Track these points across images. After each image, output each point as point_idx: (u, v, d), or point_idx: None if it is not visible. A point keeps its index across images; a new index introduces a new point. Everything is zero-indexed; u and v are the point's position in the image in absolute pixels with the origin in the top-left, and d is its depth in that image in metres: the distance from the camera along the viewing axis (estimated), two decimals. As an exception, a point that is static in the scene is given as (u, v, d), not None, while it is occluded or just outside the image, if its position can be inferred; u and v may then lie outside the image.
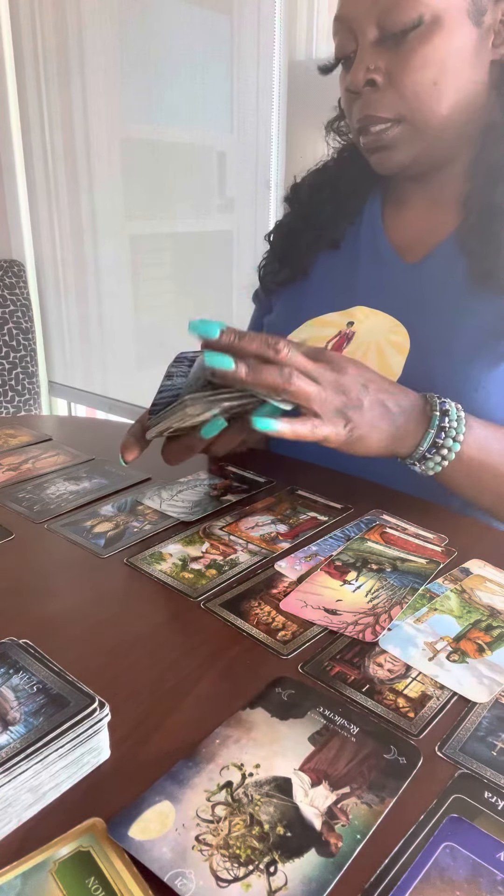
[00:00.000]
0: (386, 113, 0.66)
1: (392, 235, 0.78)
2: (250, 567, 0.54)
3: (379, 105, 0.66)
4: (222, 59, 1.35)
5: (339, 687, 0.41)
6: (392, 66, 0.65)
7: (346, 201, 0.81)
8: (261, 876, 0.30)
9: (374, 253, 0.78)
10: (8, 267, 1.80)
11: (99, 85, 1.58)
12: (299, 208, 0.85)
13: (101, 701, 0.35)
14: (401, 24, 0.63)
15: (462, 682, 0.42)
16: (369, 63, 0.65)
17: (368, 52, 0.65)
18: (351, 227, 0.82)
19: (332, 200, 0.82)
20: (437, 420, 0.58)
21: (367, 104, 0.67)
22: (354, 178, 0.81)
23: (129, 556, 0.56)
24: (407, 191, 0.77)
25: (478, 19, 0.64)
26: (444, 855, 0.31)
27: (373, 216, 0.80)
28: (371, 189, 0.82)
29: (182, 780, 0.34)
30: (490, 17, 0.64)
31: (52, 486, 0.70)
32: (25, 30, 1.69)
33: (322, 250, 0.82)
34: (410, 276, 0.74)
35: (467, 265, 0.70)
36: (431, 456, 0.58)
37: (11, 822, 0.32)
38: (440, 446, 0.58)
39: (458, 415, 0.58)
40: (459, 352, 0.67)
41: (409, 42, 0.63)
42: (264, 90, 1.31)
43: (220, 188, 1.47)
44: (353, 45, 0.67)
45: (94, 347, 1.86)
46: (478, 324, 0.68)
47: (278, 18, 1.25)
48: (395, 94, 0.65)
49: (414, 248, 0.76)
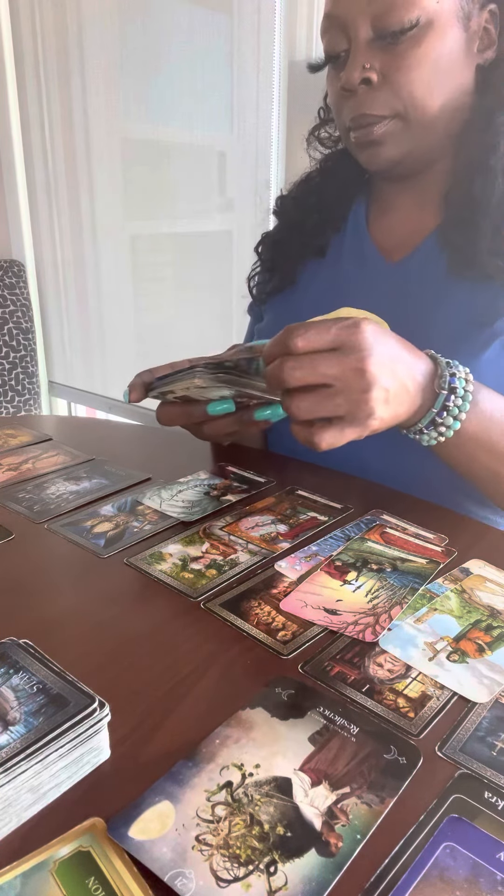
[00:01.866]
0: (380, 111, 0.67)
1: (377, 238, 0.79)
2: (250, 567, 0.54)
3: (374, 104, 0.67)
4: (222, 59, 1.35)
5: (339, 687, 0.41)
6: (387, 65, 0.65)
7: (331, 209, 0.82)
8: (261, 876, 0.30)
9: (360, 256, 0.79)
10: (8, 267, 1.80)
11: (99, 85, 1.58)
12: (286, 219, 0.87)
13: (102, 701, 0.35)
14: (398, 25, 0.63)
15: (462, 682, 0.42)
16: (364, 62, 0.66)
17: (363, 51, 0.66)
18: (337, 235, 0.83)
19: (317, 209, 0.83)
20: (442, 398, 0.56)
21: (362, 103, 0.67)
22: (339, 187, 0.82)
23: (129, 556, 0.56)
24: (391, 194, 0.78)
25: (465, 24, 0.65)
26: (444, 855, 0.31)
27: (358, 222, 0.81)
28: (355, 196, 0.83)
29: (182, 780, 0.34)
30: (475, 22, 0.66)
31: (52, 486, 0.70)
32: (25, 30, 1.69)
33: (309, 258, 0.83)
34: (394, 275, 0.75)
35: (448, 258, 0.71)
36: (428, 431, 0.57)
37: (11, 822, 0.32)
38: (439, 424, 0.57)
39: (464, 390, 0.57)
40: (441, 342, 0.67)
41: (404, 42, 0.64)
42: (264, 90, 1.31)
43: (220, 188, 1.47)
44: (344, 44, 0.68)
45: (94, 347, 1.86)
46: (457, 314, 0.69)
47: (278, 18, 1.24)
48: (390, 92, 0.66)
49: (398, 249, 0.77)
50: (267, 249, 0.88)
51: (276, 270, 0.86)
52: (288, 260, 0.84)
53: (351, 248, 0.81)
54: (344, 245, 0.81)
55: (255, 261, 0.91)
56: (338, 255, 0.82)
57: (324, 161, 0.85)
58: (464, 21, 0.65)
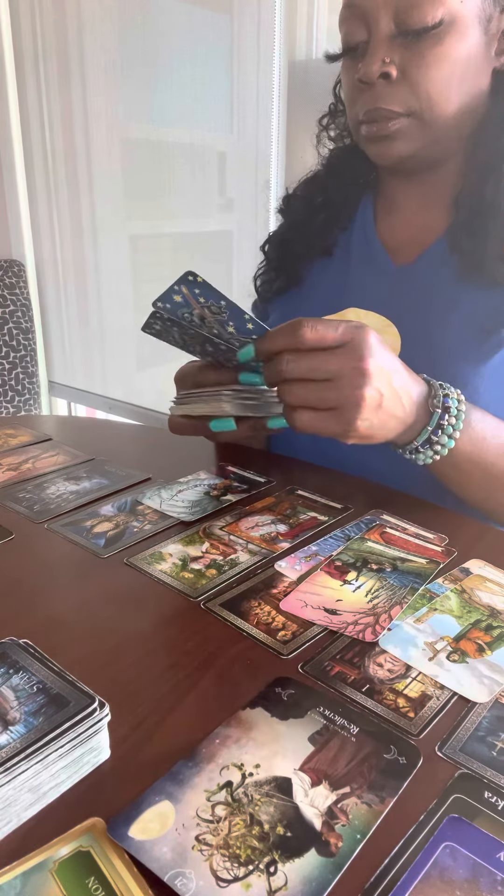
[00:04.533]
0: (397, 107, 0.66)
1: (384, 238, 0.79)
2: (250, 567, 0.54)
3: (390, 99, 0.66)
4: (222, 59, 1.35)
5: (339, 687, 0.41)
6: (406, 61, 0.65)
7: (338, 208, 0.82)
8: (261, 876, 0.30)
9: (367, 257, 0.79)
10: (8, 267, 1.80)
11: (99, 85, 1.58)
12: (292, 218, 0.86)
13: (101, 701, 0.35)
14: (421, 22, 0.63)
15: (462, 682, 0.42)
16: (384, 56, 0.65)
17: (384, 44, 0.65)
18: (343, 234, 0.82)
19: (324, 208, 0.82)
20: (437, 417, 0.57)
21: (378, 97, 0.67)
22: (346, 185, 0.82)
23: (129, 556, 0.56)
24: (398, 193, 0.78)
25: (486, 26, 0.65)
26: (444, 855, 0.31)
27: (365, 221, 0.81)
28: (362, 194, 0.82)
29: (182, 780, 0.34)
30: (495, 25, 0.66)
31: (52, 486, 0.70)
32: (25, 30, 1.69)
33: (316, 258, 0.83)
34: (401, 278, 0.75)
35: (457, 262, 0.70)
36: (424, 450, 0.59)
37: (11, 822, 0.32)
38: (434, 442, 0.58)
39: (457, 410, 0.58)
40: (447, 349, 0.68)
41: (425, 40, 0.63)
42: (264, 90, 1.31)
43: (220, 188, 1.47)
44: (363, 35, 0.67)
45: (94, 347, 1.86)
46: (464, 320, 0.69)
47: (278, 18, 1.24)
48: (408, 89, 0.65)
49: (406, 250, 0.76)
50: (273, 248, 0.88)
51: (281, 270, 0.86)
52: (294, 259, 0.84)
53: (358, 247, 0.80)
54: (351, 244, 0.81)
55: (260, 260, 0.90)
56: (345, 254, 0.81)
57: (330, 159, 0.84)
58: (484, 23, 0.64)
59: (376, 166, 0.77)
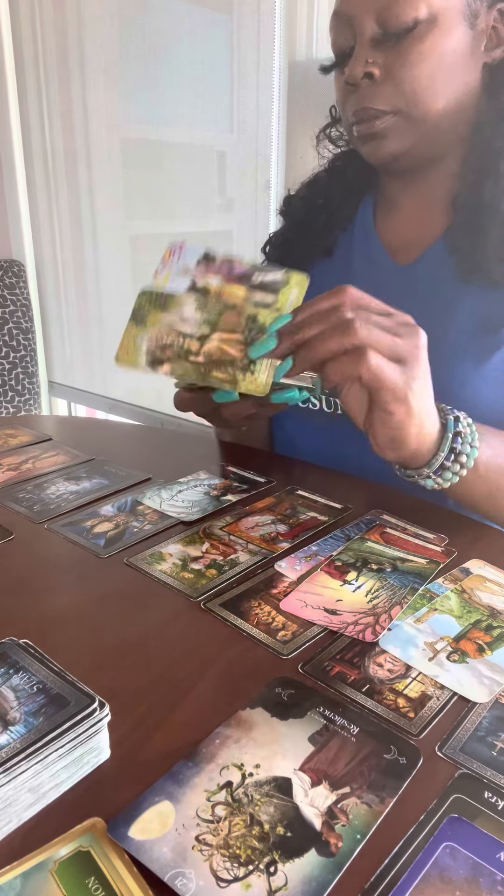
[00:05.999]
0: (382, 105, 0.67)
1: (384, 238, 0.79)
2: (250, 567, 0.54)
3: (376, 98, 0.67)
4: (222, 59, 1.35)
5: (339, 687, 0.41)
6: (390, 61, 0.66)
7: (338, 209, 0.82)
8: (261, 876, 0.30)
9: (367, 256, 0.79)
10: (8, 267, 1.80)
11: (99, 85, 1.58)
12: (293, 220, 0.87)
13: (101, 701, 0.35)
14: (402, 22, 0.64)
15: (462, 682, 0.42)
16: (367, 57, 0.66)
17: (367, 47, 0.66)
18: (344, 234, 0.83)
19: (324, 209, 0.83)
20: (451, 424, 0.56)
21: (364, 97, 0.68)
22: (346, 186, 0.82)
23: (129, 556, 0.56)
24: (398, 193, 0.78)
25: (472, 22, 0.66)
26: (444, 855, 0.31)
27: (365, 221, 0.81)
28: (363, 195, 0.83)
29: (182, 780, 0.34)
30: (483, 21, 0.66)
31: (52, 486, 0.70)
32: (25, 30, 1.69)
33: (317, 258, 0.83)
34: (402, 278, 0.75)
35: (456, 263, 0.71)
36: (450, 465, 0.56)
37: (11, 822, 0.32)
38: (458, 452, 0.56)
39: (467, 419, 0.57)
40: (446, 349, 0.68)
41: (407, 39, 0.64)
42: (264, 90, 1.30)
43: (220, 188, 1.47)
44: (350, 40, 0.68)
45: (94, 347, 1.86)
46: (465, 320, 0.69)
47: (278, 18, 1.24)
48: (393, 87, 0.66)
49: (406, 250, 0.77)
50: (274, 249, 0.88)
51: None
52: (295, 260, 0.84)
53: (359, 246, 0.81)
54: (352, 244, 0.81)
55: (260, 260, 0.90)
56: (346, 254, 0.82)
57: (332, 161, 0.85)
58: (470, 19, 0.65)
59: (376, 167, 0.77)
